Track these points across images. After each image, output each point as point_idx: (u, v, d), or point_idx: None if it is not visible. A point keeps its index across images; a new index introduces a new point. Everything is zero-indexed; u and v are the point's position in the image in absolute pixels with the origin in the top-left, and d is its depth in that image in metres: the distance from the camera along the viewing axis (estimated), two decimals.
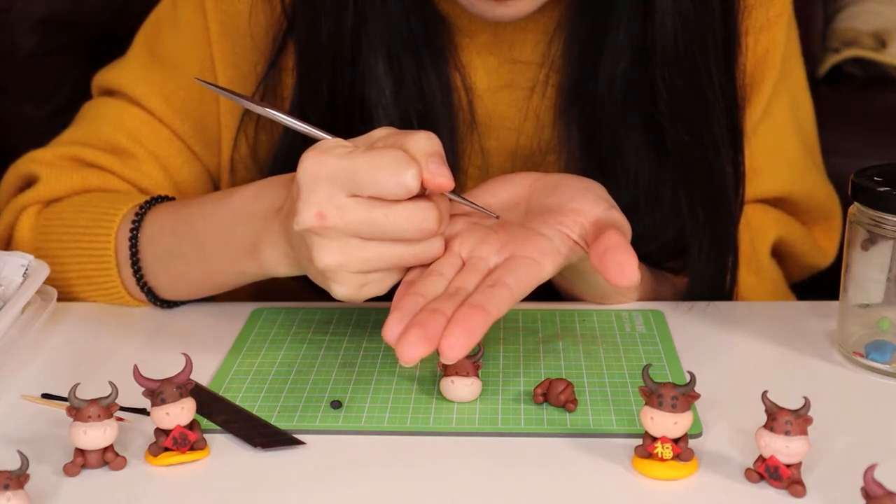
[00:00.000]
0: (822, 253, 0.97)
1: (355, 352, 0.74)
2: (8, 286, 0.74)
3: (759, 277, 0.91)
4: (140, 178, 0.87)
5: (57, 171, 0.85)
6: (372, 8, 0.80)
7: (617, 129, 0.82)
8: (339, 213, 0.60)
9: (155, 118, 0.88)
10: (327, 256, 0.61)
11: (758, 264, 0.91)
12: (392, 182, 0.59)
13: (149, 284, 0.80)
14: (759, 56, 0.88)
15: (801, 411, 0.56)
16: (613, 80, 0.81)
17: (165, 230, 0.78)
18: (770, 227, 0.92)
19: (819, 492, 0.57)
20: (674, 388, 0.58)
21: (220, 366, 0.72)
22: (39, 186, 0.85)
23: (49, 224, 0.83)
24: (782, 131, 0.92)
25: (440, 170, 0.61)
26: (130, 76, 0.89)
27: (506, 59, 0.85)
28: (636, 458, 0.59)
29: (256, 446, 0.62)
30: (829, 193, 0.97)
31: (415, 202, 0.61)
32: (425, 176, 0.60)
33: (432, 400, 0.67)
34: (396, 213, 0.60)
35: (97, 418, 0.59)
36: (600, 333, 0.76)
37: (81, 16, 1.20)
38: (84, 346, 0.77)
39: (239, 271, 0.74)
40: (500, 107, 0.86)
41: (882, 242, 0.70)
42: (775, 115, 0.91)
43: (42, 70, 1.19)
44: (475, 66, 0.85)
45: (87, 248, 0.80)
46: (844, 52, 1.53)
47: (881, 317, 0.72)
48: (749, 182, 0.86)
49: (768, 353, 0.74)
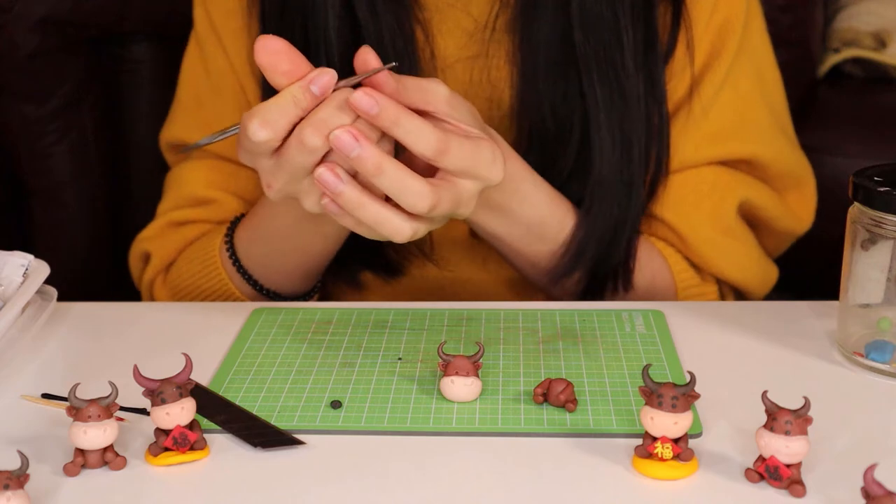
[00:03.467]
0: (796, 219, 0.97)
1: (355, 352, 0.74)
2: (8, 286, 0.74)
3: (728, 238, 0.92)
4: (225, 215, 0.94)
5: (160, 240, 0.96)
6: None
7: (560, 58, 0.85)
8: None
9: (219, 158, 0.95)
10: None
11: (726, 224, 0.91)
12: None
13: (262, 284, 0.89)
14: (718, 24, 0.89)
15: (801, 411, 0.56)
16: (556, 11, 0.84)
17: (250, 241, 0.89)
18: (736, 188, 0.92)
19: (819, 492, 0.57)
20: (674, 388, 0.58)
21: (220, 366, 0.72)
22: (154, 260, 0.95)
23: (175, 286, 0.94)
24: (748, 97, 0.93)
25: (316, 81, 0.67)
26: (185, 129, 0.97)
27: (461, 19, 0.88)
28: (636, 458, 0.59)
29: (256, 446, 0.62)
30: (800, 160, 0.97)
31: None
32: (315, 93, 0.67)
33: (432, 400, 0.67)
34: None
35: (97, 418, 0.59)
36: (600, 333, 0.76)
37: (81, 16, 1.20)
38: (84, 346, 0.77)
39: (310, 236, 0.84)
40: (460, 63, 0.88)
41: (882, 242, 0.70)
42: (740, 82, 0.91)
43: (42, 70, 1.19)
44: (435, 25, 0.88)
45: (208, 286, 0.91)
46: (844, 52, 1.53)
47: (881, 317, 0.72)
48: (713, 145, 0.89)
49: (768, 353, 0.74)
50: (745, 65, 0.92)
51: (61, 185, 1.23)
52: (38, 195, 1.24)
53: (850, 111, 1.47)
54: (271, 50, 0.67)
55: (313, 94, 0.67)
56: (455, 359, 0.66)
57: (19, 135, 1.21)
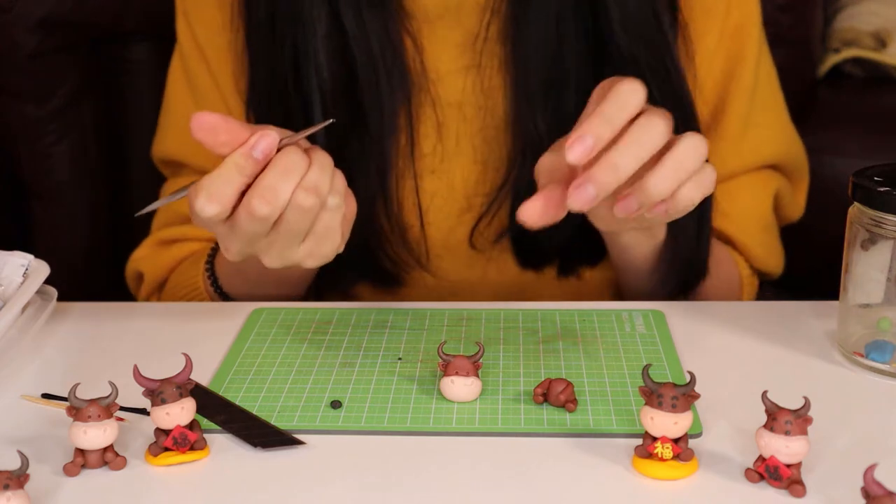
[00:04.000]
0: (798, 206, 1.00)
1: (355, 352, 0.74)
2: (8, 286, 0.74)
3: (768, 233, 0.96)
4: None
5: (151, 260, 0.97)
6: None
7: (557, 65, 0.84)
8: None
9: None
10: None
11: (767, 222, 0.95)
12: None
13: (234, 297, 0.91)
14: (733, 29, 0.89)
15: (801, 411, 0.56)
16: (548, 20, 0.83)
17: (228, 274, 0.91)
18: (770, 185, 0.95)
19: (819, 492, 0.57)
20: (674, 388, 0.58)
21: (220, 366, 0.72)
22: (147, 278, 0.97)
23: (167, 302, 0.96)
24: (773, 98, 0.95)
25: (258, 147, 0.65)
26: (175, 147, 0.98)
27: (454, 31, 0.87)
28: (636, 458, 0.59)
29: (256, 446, 0.62)
30: (802, 149, 1.00)
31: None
32: (258, 157, 0.65)
33: (432, 400, 0.67)
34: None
35: (97, 418, 0.59)
36: (600, 333, 0.76)
37: (81, 16, 1.20)
38: (84, 346, 0.77)
39: (285, 271, 0.82)
40: (453, 75, 0.88)
41: (882, 242, 0.70)
42: (763, 84, 0.93)
43: (42, 70, 1.19)
44: (426, 38, 0.87)
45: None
46: (844, 52, 1.53)
47: (881, 317, 0.72)
48: (754, 153, 0.92)
49: (768, 353, 0.74)
50: (764, 64, 0.93)
51: (61, 185, 1.23)
52: (38, 195, 1.24)
53: (850, 111, 1.46)
54: (206, 126, 0.65)
55: (256, 160, 0.65)
56: (455, 359, 0.66)
57: (19, 135, 1.21)
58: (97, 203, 1.25)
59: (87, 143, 1.23)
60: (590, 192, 0.62)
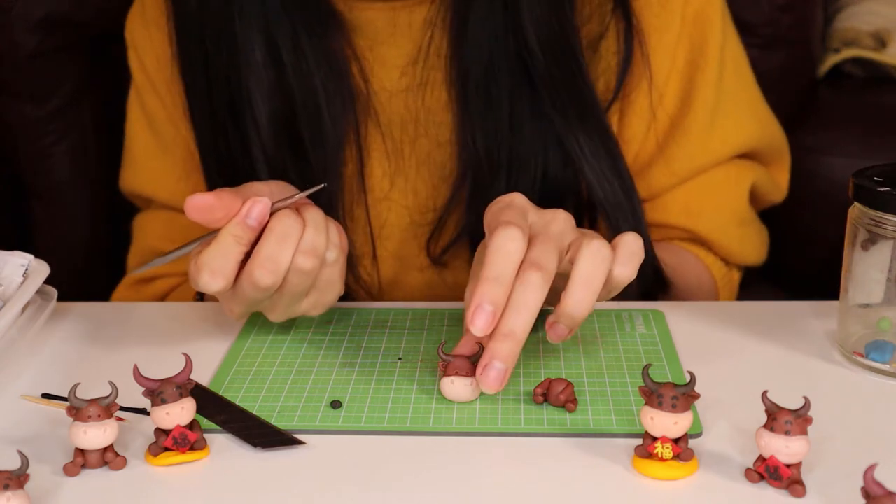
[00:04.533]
0: (779, 190, 0.99)
1: (355, 352, 0.74)
2: (8, 286, 0.74)
3: (744, 227, 0.95)
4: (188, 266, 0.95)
5: (133, 300, 0.98)
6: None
7: (493, 81, 0.84)
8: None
9: (177, 212, 0.95)
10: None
11: (742, 216, 0.94)
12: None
13: None
14: (693, 16, 0.88)
15: (801, 411, 0.56)
16: (482, 42, 0.83)
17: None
18: (744, 177, 0.94)
19: (819, 492, 0.57)
20: (674, 388, 0.58)
21: (220, 366, 0.72)
22: None
23: None
24: (742, 83, 0.94)
25: (251, 214, 0.67)
26: (141, 183, 0.98)
27: (401, 50, 0.87)
28: (636, 458, 0.59)
29: (256, 446, 0.62)
30: (779, 130, 0.98)
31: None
32: (253, 225, 0.67)
33: (432, 400, 0.67)
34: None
35: (97, 418, 0.59)
36: (600, 333, 0.76)
37: (81, 16, 1.20)
38: (84, 346, 0.77)
39: None
40: (400, 96, 0.88)
41: (882, 242, 0.70)
42: (730, 71, 0.91)
43: (42, 70, 1.19)
44: (372, 58, 0.87)
45: None
46: (844, 52, 1.53)
47: (881, 317, 0.72)
48: (723, 144, 0.90)
49: (768, 353, 0.74)
50: (731, 51, 0.92)
51: (61, 185, 1.23)
52: (38, 195, 1.24)
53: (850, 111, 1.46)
54: (201, 207, 0.66)
55: (252, 228, 0.67)
56: (455, 359, 0.66)
57: (19, 135, 1.21)
58: (97, 203, 1.25)
59: (87, 143, 1.23)
60: (499, 369, 0.63)
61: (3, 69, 1.18)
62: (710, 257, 0.94)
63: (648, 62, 0.87)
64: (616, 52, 0.87)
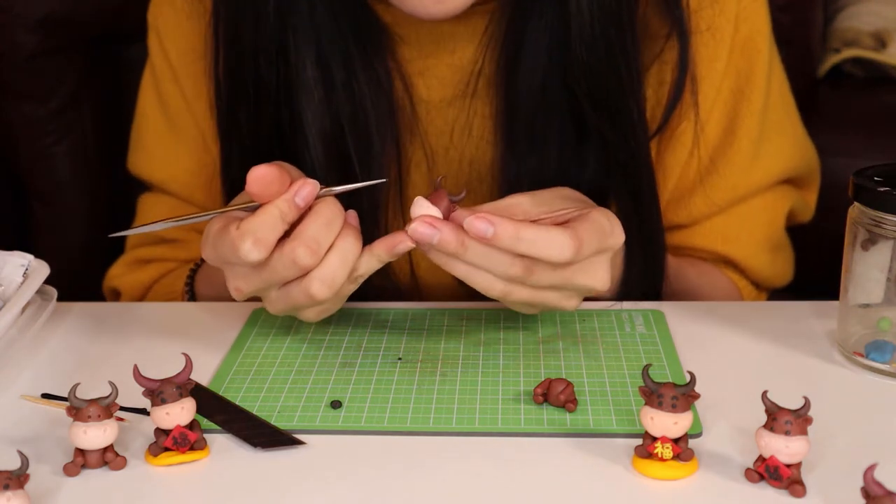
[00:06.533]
0: (808, 209, 0.99)
1: (355, 352, 0.74)
2: (8, 286, 0.74)
3: (778, 252, 0.95)
4: (187, 254, 0.97)
5: (127, 277, 0.99)
6: (298, 15, 0.82)
7: (541, 119, 0.83)
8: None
9: (180, 200, 0.96)
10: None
11: (776, 242, 0.94)
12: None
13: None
14: (742, 44, 0.87)
15: (801, 411, 0.56)
16: (535, 70, 0.82)
17: (207, 294, 0.91)
18: (781, 204, 0.93)
19: (819, 492, 0.57)
20: (674, 388, 0.58)
21: (220, 366, 0.72)
22: (123, 297, 0.99)
23: None
24: (786, 110, 0.93)
25: (300, 194, 0.66)
26: (149, 167, 0.98)
27: (445, 64, 0.86)
28: (636, 458, 0.59)
29: (256, 446, 0.62)
30: (814, 152, 0.98)
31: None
32: (300, 205, 0.66)
33: (432, 400, 0.67)
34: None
35: (97, 418, 0.59)
36: (600, 333, 0.76)
37: (81, 16, 1.20)
38: (84, 346, 0.77)
39: None
40: (442, 110, 0.87)
41: (882, 242, 0.70)
42: (776, 100, 0.91)
43: (42, 70, 1.19)
44: (416, 72, 0.86)
45: None
46: (844, 52, 1.53)
47: (881, 317, 0.72)
48: (765, 172, 0.90)
49: (768, 353, 0.74)
50: (775, 77, 0.91)
51: (61, 185, 1.23)
52: (38, 195, 1.24)
53: (850, 111, 1.47)
54: (263, 180, 0.66)
55: (298, 206, 0.66)
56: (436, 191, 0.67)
57: (19, 135, 1.21)
58: (97, 203, 1.25)
59: (87, 143, 1.24)
60: (485, 229, 0.63)
61: (3, 69, 1.18)
62: (743, 281, 0.94)
63: (696, 92, 0.86)
64: (661, 83, 0.85)
